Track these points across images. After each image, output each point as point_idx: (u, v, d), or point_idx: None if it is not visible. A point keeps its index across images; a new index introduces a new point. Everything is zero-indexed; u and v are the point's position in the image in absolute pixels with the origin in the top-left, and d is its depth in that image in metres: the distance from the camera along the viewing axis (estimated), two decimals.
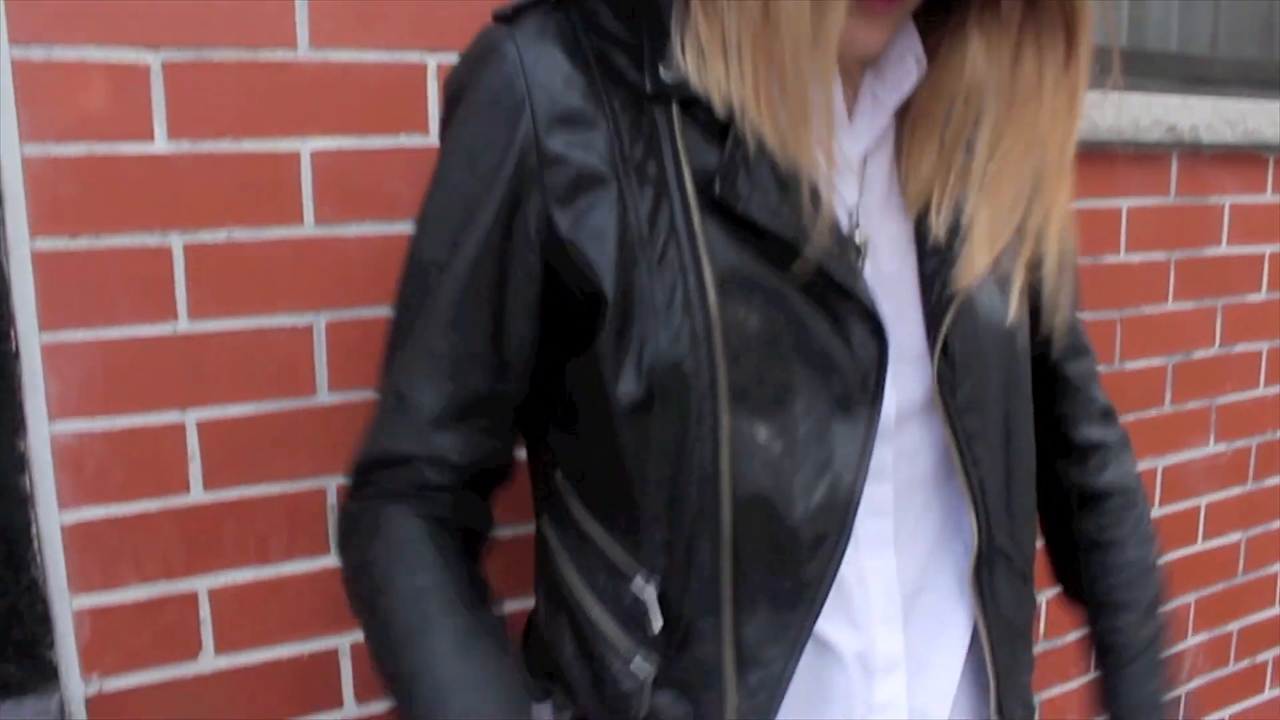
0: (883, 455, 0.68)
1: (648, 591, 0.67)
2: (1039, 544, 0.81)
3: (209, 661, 0.98)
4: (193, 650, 0.97)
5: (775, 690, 0.67)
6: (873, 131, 0.68)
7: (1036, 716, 0.86)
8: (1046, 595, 1.46)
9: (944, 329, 0.67)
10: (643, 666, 0.68)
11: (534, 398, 0.71)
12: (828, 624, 0.68)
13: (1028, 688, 0.79)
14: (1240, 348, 1.56)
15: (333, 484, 1.00)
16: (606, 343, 0.63)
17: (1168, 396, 1.50)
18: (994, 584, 0.72)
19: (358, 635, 1.03)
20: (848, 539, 0.65)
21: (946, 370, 0.67)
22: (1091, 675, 0.86)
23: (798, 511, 0.64)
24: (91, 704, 0.94)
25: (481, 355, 0.67)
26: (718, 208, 0.62)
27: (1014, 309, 0.71)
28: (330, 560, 1.01)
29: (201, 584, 0.96)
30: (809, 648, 0.68)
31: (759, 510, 0.64)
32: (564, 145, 0.62)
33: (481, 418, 0.69)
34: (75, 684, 0.93)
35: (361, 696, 1.04)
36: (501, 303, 0.66)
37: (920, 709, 0.73)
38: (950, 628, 0.75)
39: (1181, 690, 0.84)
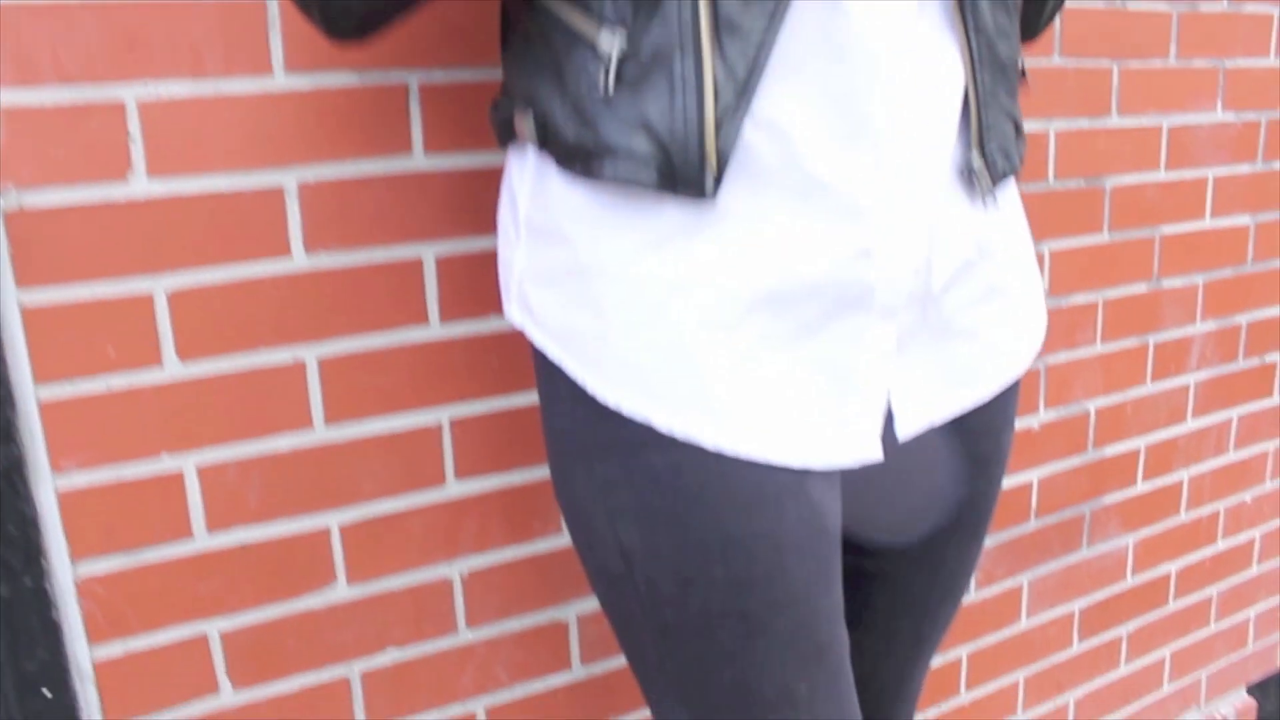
0: None
1: None
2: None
3: (141, 185, 0.89)
4: (121, 170, 0.88)
5: (755, 61, 0.61)
6: None
7: (1016, 185, 0.80)
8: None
9: None
10: (610, 40, 0.63)
11: None
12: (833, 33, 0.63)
13: (1010, 140, 0.74)
14: (1250, 8, 1.47)
15: None
16: None
17: (1173, 49, 1.41)
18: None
19: (307, 173, 0.95)
20: None
21: None
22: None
23: None
24: (11, 220, 0.85)
25: None
26: None
27: None
28: (279, 83, 0.92)
29: (128, 92, 0.87)
30: (815, 48, 0.63)
31: None
32: None
33: None
34: None
35: (311, 247, 0.96)
36: None
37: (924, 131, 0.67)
38: (949, 55, 0.69)
39: None
